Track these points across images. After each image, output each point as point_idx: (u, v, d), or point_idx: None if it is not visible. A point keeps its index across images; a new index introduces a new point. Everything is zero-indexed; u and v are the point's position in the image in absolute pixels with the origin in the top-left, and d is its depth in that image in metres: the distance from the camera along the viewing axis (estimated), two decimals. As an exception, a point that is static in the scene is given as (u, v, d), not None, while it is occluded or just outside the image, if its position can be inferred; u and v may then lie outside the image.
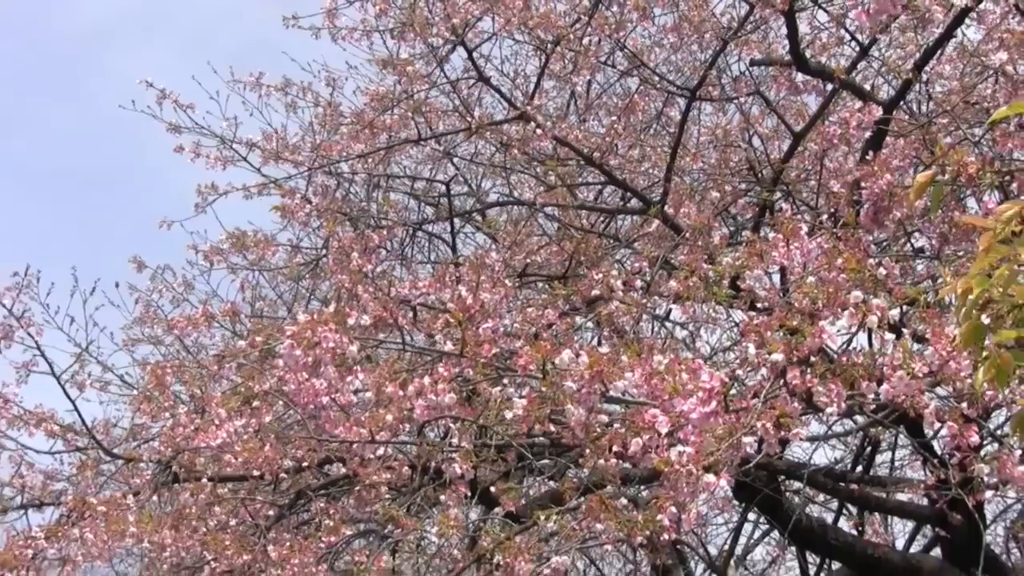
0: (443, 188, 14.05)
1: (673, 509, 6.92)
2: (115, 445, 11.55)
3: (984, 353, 5.18)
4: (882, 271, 7.78)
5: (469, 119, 13.00)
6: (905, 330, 7.92)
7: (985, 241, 5.07)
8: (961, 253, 10.30)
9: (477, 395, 8.54)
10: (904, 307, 8.31)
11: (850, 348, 8.01)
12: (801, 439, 7.38)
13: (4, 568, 9.81)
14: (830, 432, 12.99)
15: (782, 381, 7.20)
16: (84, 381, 11.83)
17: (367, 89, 13.82)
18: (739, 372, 7.70)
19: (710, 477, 6.38)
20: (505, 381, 8.51)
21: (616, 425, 7.48)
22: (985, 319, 5.14)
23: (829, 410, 7.33)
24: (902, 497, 13.40)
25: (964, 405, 7.80)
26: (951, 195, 10.60)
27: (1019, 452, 8.76)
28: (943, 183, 7.66)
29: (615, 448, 7.19)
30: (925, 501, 12.04)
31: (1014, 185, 9.39)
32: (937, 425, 8.67)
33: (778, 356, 7.10)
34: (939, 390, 8.11)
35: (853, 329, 7.70)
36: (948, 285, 5.43)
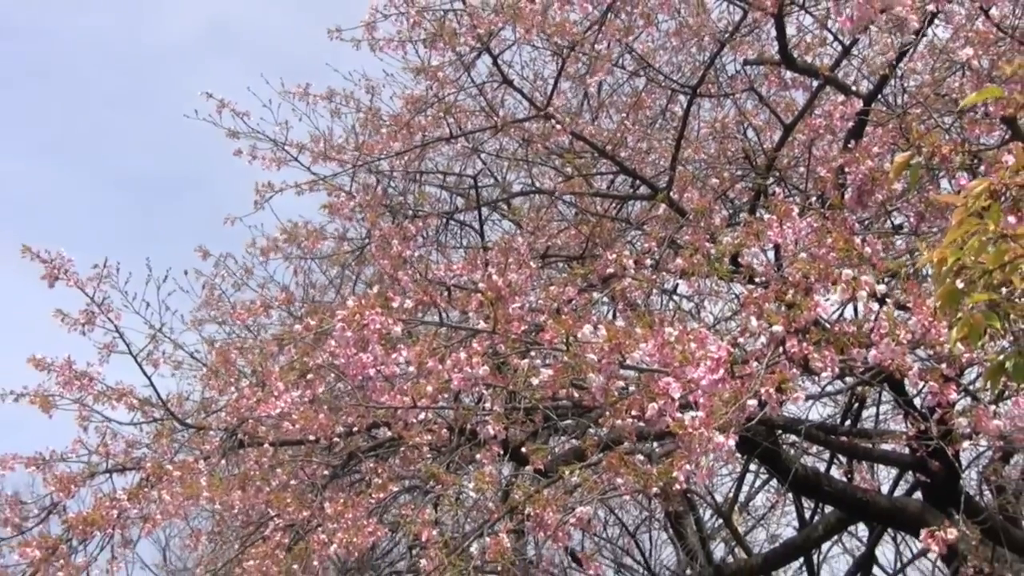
0: (472, 181, 14.06)
1: (688, 467, 6.92)
2: (187, 416, 11.58)
3: (959, 314, 5.21)
4: (868, 250, 7.78)
5: (494, 118, 13.07)
6: (888, 300, 7.89)
7: (958, 215, 5.10)
8: (936, 230, 10.32)
9: (507, 366, 8.55)
10: (887, 279, 8.28)
11: (841, 318, 8.03)
12: (799, 399, 7.39)
13: (93, 526, 9.86)
14: (822, 391, 12.97)
15: (781, 349, 7.23)
16: (158, 359, 11.84)
17: (403, 94, 13.92)
18: (740, 340, 7.71)
19: (720, 438, 6.46)
20: (532, 353, 8.53)
21: (633, 389, 7.51)
22: (959, 284, 5.16)
23: (824, 374, 7.36)
24: (886, 447, 13.40)
25: (944, 366, 7.82)
26: (927, 176, 10.63)
27: (992, 406, 8.78)
28: (919, 164, 7.65)
29: (633, 412, 7.23)
30: (907, 450, 12.04)
31: (983, 167, 9.37)
32: (920, 384, 8.66)
33: (778, 328, 7.18)
34: (919, 351, 8.12)
35: (844, 303, 7.74)
36: (925, 256, 5.45)
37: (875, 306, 7.74)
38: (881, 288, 7.57)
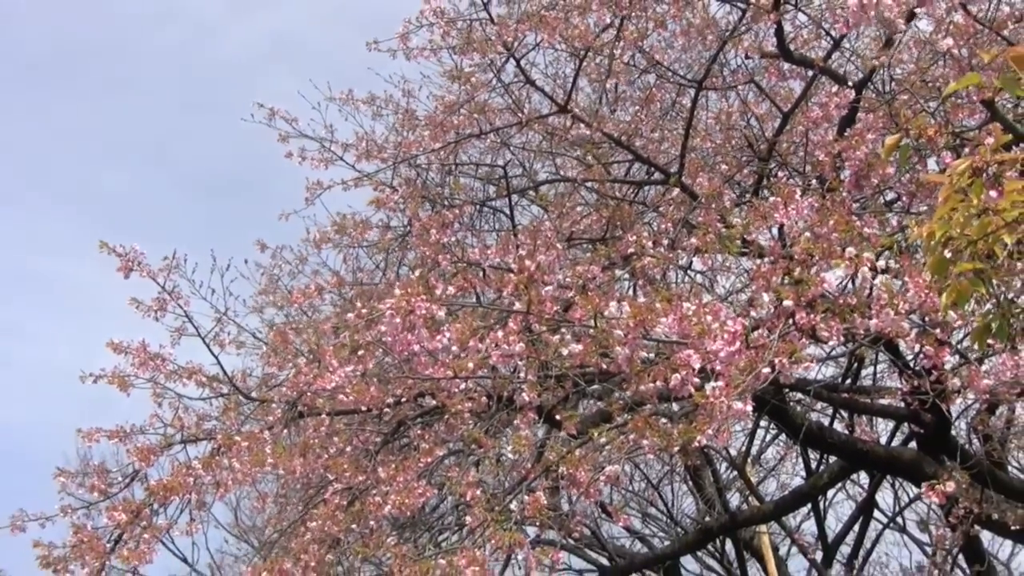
0: (502, 171, 14.11)
1: (710, 431, 6.98)
2: (251, 390, 11.65)
3: (947, 281, 5.26)
4: (867, 231, 7.83)
5: (520, 115, 13.19)
6: (887, 274, 7.94)
7: (944, 192, 5.15)
8: (925, 207, 10.36)
9: (540, 341, 8.60)
10: (883, 254, 8.33)
11: (844, 290, 8.06)
12: (807, 364, 7.48)
13: (172, 491, 9.94)
14: (828, 355, 13.01)
15: (791, 321, 7.29)
16: (224, 340, 11.92)
17: (437, 96, 14.08)
18: (752, 314, 7.76)
19: (738, 404, 6.53)
20: (563, 330, 8.58)
21: (655, 358, 7.57)
22: (947, 255, 5.21)
23: (831, 343, 7.44)
24: (883, 402, 13.45)
25: (937, 331, 7.86)
26: (916, 157, 10.66)
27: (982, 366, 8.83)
28: (907, 146, 7.69)
29: (657, 381, 7.31)
30: (902, 404, 12.06)
31: (966, 149, 9.40)
32: (915, 347, 8.70)
33: (788, 302, 7.25)
34: (913, 316, 8.16)
35: (847, 277, 7.79)
36: (915, 231, 5.50)
37: (875, 279, 7.81)
38: (880, 263, 7.63)
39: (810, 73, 12.06)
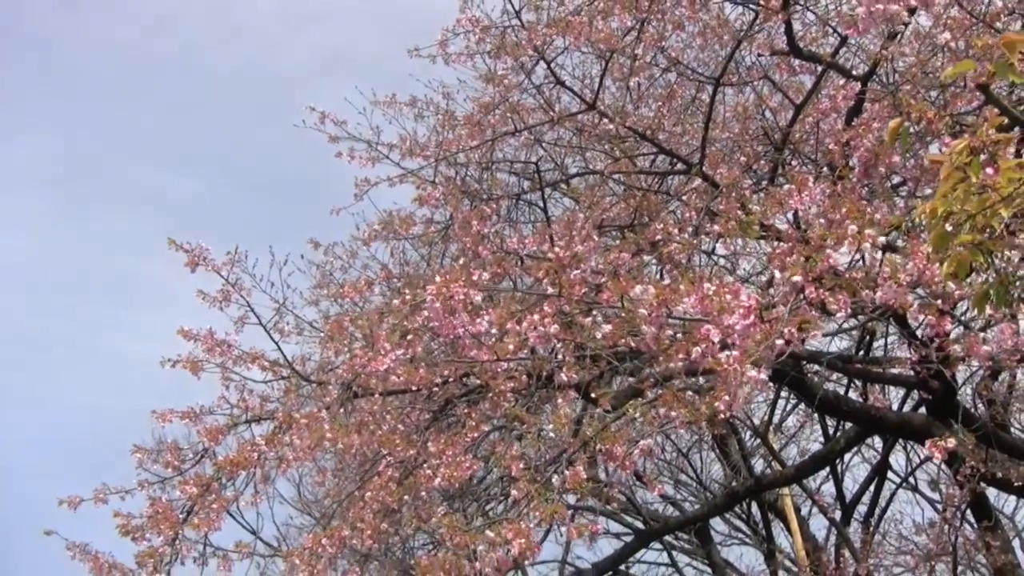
0: (535, 166, 14.14)
1: (727, 397, 7.02)
2: (309, 374, 11.69)
3: (948, 253, 5.30)
4: (878, 216, 7.85)
5: (551, 113, 13.25)
6: (890, 250, 7.97)
7: (944, 171, 5.20)
8: (929, 190, 10.38)
9: (574, 323, 8.63)
10: (890, 233, 8.33)
11: (852, 266, 8.08)
12: (818, 336, 7.51)
13: (238, 467, 10.03)
14: (839, 328, 13.02)
15: (802, 296, 7.31)
16: (283, 328, 12.04)
17: (474, 98, 14.13)
18: (771, 292, 7.79)
19: (752, 372, 6.58)
20: (594, 312, 8.62)
21: (680, 337, 7.60)
22: (948, 228, 5.25)
23: (839, 315, 7.45)
24: (894, 371, 13.47)
25: (939, 302, 7.88)
26: (919, 143, 10.68)
27: (982, 334, 8.85)
28: (907, 129, 7.73)
29: (681, 355, 7.34)
30: (911, 373, 12.07)
31: (965, 134, 9.41)
32: (920, 317, 8.73)
33: (798, 277, 7.27)
34: (919, 290, 8.17)
35: (853, 253, 7.81)
36: (919, 209, 5.54)
37: (879, 255, 7.83)
38: (882, 240, 7.65)
39: (819, 68, 12.06)
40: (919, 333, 11.29)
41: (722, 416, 7.46)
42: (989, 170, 5.25)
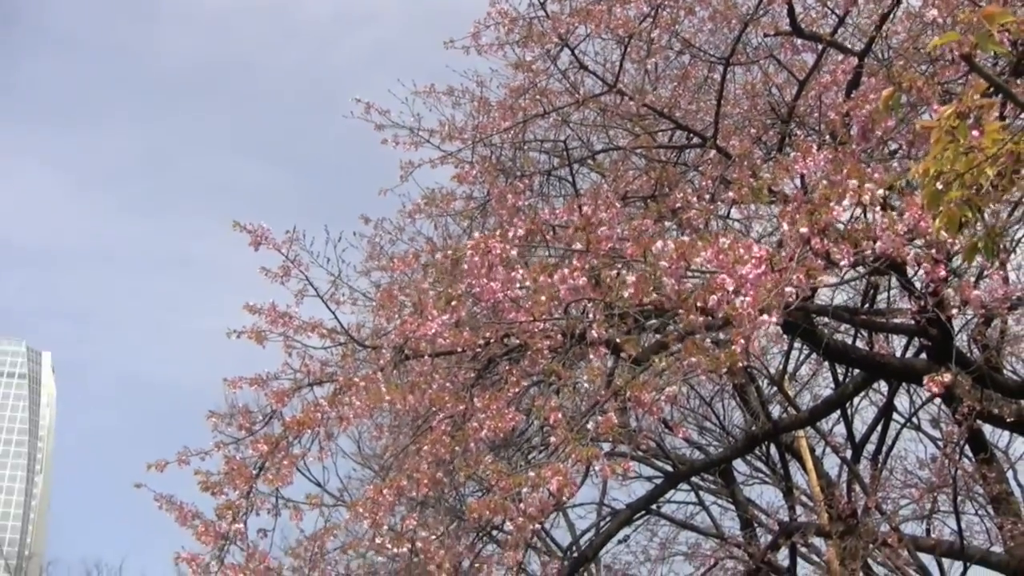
0: (563, 145, 14.20)
1: (742, 340, 7.09)
2: (364, 339, 11.75)
3: (940, 209, 5.35)
4: (876, 176, 7.87)
5: (576, 95, 13.33)
6: (888, 205, 8.03)
7: (935, 134, 5.26)
8: (922, 153, 10.40)
9: (601, 279, 8.69)
10: (887, 191, 8.37)
11: (853, 220, 8.13)
12: (825, 286, 7.59)
13: (304, 426, 10.14)
14: (843, 280, 13.05)
15: (808, 247, 7.37)
16: (339, 299, 12.10)
17: (505, 84, 14.21)
18: (781, 252, 7.84)
19: (764, 316, 6.64)
20: (619, 266, 8.68)
21: (697, 287, 7.68)
22: (940, 186, 5.30)
23: (843, 263, 7.51)
24: (896, 321, 13.50)
25: (933, 251, 7.92)
26: (912, 112, 10.71)
27: (973, 279, 8.90)
28: (899, 97, 7.76)
29: (699, 304, 7.42)
30: (912, 322, 12.09)
31: (953, 101, 9.43)
32: (916, 267, 8.76)
33: (804, 229, 7.32)
34: (917, 242, 8.20)
35: (855, 207, 7.85)
36: (913, 170, 5.60)
37: (878, 209, 7.88)
38: (881, 193, 7.70)
39: (819, 46, 12.09)
40: (918, 285, 11.33)
41: (741, 365, 7.56)
42: (975, 132, 5.31)
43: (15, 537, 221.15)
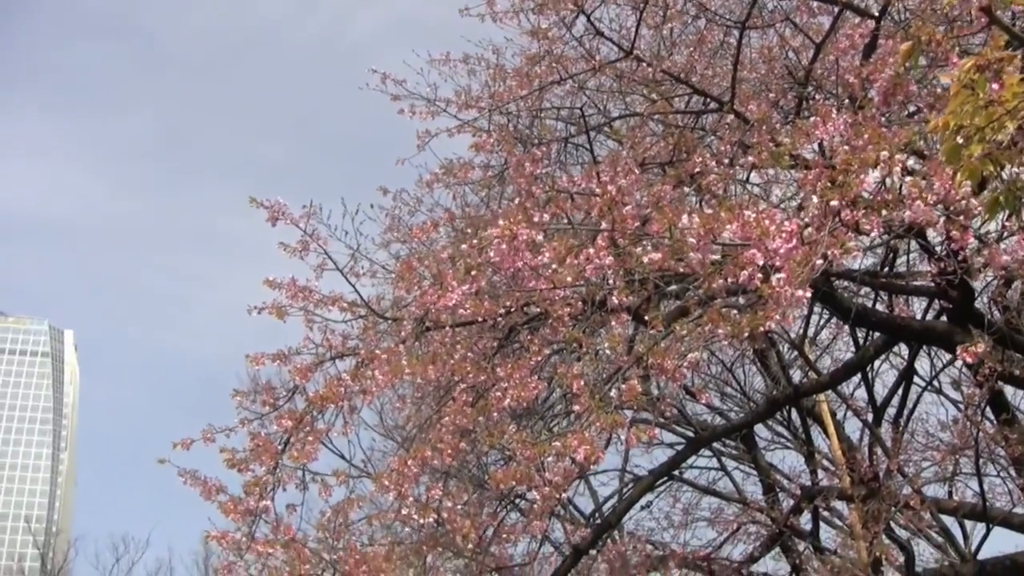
0: (580, 112, 14.15)
1: (777, 316, 7.07)
2: (385, 312, 11.74)
3: (960, 164, 5.32)
4: (896, 140, 7.81)
5: (592, 62, 13.25)
6: (915, 174, 7.98)
7: (954, 88, 5.21)
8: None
9: (624, 253, 8.65)
10: (906, 148, 8.33)
11: (880, 188, 8.08)
12: (852, 253, 7.56)
13: (327, 400, 10.15)
14: (868, 247, 13.02)
15: (838, 218, 7.33)
16: (358, 272, 12.04)
17: (521, 52, 14.27)
18: (802, 215, 7.80)
19: (800, 292, 6.60)
20: (644, 242, 8.64)
21: (722, 260, 7.65)
22: (959, 140, 5.26)
23: (872, 235, 7.47)
24: (917, 283, 13.46)
25: (961, 218, 7.87)
26: (931, 68, 10.65)
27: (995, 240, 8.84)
28: (918, 52, 7.72)
29: (729, 279, 7.40)
30: (932, 285, 12.04)
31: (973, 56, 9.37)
32: (943, 234, 8.70)
33: (835, 202, 7.28)
34: (939, 207, 8.14)
35: (883, 178, 7.81)
36: (932, 124, 5.56)
37: (907, 178, 7.83)
38: (910, 163, 7.66)
39: (836, 9, 12.00)
40: (938, 248, 11.28)
41: (761, 330, 7.52)
42: (995, 86, 5.26)
43: (42, 514, 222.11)
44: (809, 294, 6.99)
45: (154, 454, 10.77)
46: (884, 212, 7.60)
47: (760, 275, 7.22)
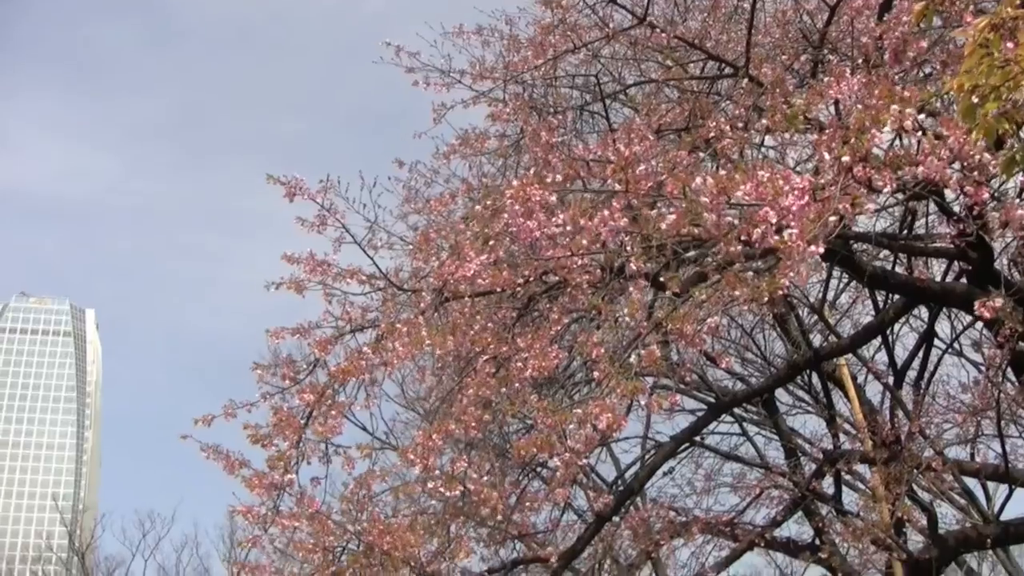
0: (595, 80, 14.14)
1: (791, 273, 7.07)
2: (404, 283, 11.74)
3: (976, 123, 5.31)
4: (907, 94, 7.77)
5: (607, 30, 13.22)
6: (928, 129, 7.95)
7: (968, 47, 5.21)
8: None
9: (640, 217, 8.64)
10: (921, 112, 8.30)
11: (893, 145, 8.06)
12: (866, 212, 7.52)
13: (348, 374, 10.17)
14: (883, 207, 12.99)
15: (850, 174, 7.31)
16: (376, 244, 12.05)
17: (535, 21, 14.24)
18: (819, 180, 7.78)
19: (812, 248, 6.59)
20: (659, 204, 8.63)
21: (738, 223, 7.63)
22: (975, 100, 5.24)
23: (885, 191, 7.44)
24: (936, 245, 13.43)
25: (976, 173, 7.84)
26: (945, 24, 10.63)
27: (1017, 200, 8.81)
28: (932, 12, 7.69)
29: (742, 238, 7.38)
30: (951, 247, 12.02)
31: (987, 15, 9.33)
32: (958, 191, 8.68)
33: (847, 158, 7.26)
34: (956, 165, 8.11)
35: (895, 134, 7.79)
36: (947, 84, 5.56)
37: (919, 134, 7.80)
38: (921, 117, 7.63)
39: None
40: (956, 209, 11.25)
41: (781, 294, 7.51)
42: (1010, 45, 5.24)
43: (68, 492, 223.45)
44: (822, 249, 6.96)
45: (177, 430, 10.82)
46: (898, 170, 7.60)
47: (775, 233, 7.22)
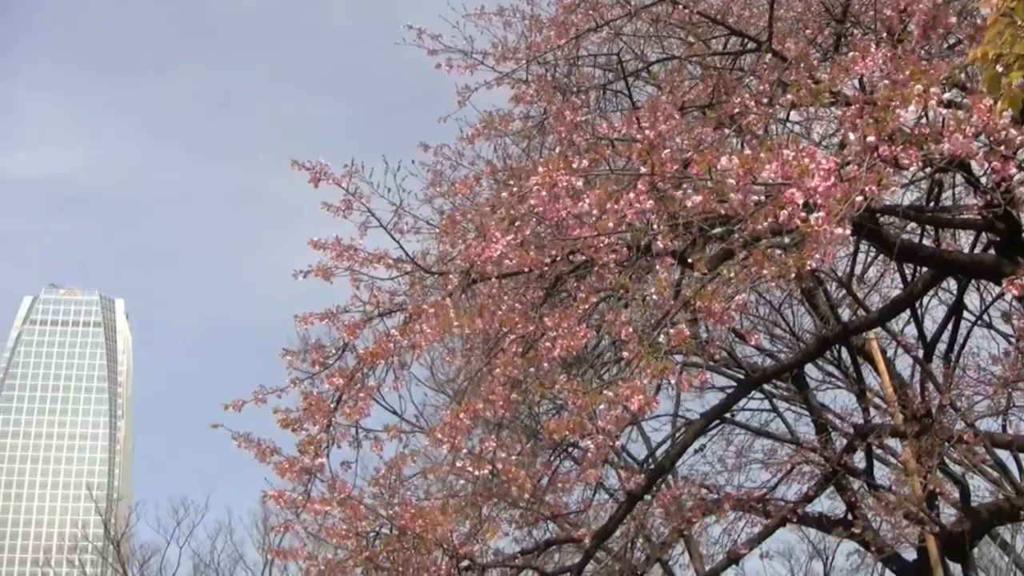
0: (617, 58, 14.12)
1: (818, 256, 7.07)
2: (431, 266, 11.75)
3: (1000, 92, 5.31)
4: (932, 71, 7.74)
5: (629, 7, 13.19)
6: (951, 107, 7.92)
7: (992, 16, 5.21)
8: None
9: (666, 197, 8.63)
10: (948, 88, 8.28)
11: (919, 123, 8.03)
12: (892, 188, 7.52)
13: (377, 357, 10.20)
14: (910, 181, 12.94)
15: (876, 153, 7.30)
16: (403, 228, 12.04)
17: (557, 1, 14.21)
18: (844, 153, 7.77)
19: (839, 229, 6.60)
20: (684, 185, 8.62)
21: (764, 201, 7.63)
22: (999, 69, 5.25)
23: (912, 168, 7.43)
24: (963, 217, 13.38)
25: (1002, 148, 7.81)
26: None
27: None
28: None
29: (769, 219, 7.38)
30: (979, 218, 11.96)
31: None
32: (985, 165, 8.64)
33: (872, 137, 7.24)
34: (982, 138, 8.08)
35: (920, 111, 7.77)
36: (971, 54, 5.57)
37: (944, 111, 7.78)
38: (947, 95, 7.60)
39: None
40: (983, 180, 11.20)
41: (808, 269, 7.51)
42: (1034, 13, 5.24)
43: (103, 481, 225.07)
44: (849, 231, 6.99)
45: (208, 418, 10.88)
46: (924, 147, 7.57)
47: (802, 213, 7.21)
